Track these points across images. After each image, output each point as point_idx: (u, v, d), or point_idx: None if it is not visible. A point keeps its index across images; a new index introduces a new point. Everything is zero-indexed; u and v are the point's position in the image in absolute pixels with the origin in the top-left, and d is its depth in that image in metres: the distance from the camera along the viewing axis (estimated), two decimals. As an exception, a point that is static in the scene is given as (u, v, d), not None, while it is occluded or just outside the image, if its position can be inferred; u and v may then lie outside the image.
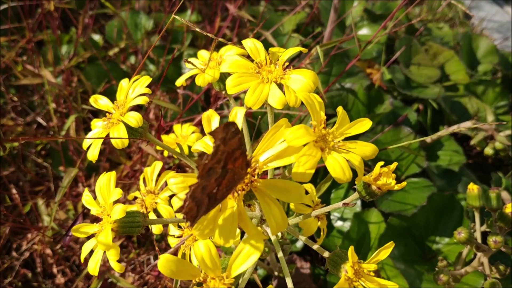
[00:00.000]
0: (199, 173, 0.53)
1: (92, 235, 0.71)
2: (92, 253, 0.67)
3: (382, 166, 0.70)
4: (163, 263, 0.54)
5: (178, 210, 0.55)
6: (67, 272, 1.51)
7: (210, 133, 0.52)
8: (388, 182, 0.69)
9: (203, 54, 0.98)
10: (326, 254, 0.67)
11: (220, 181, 0.54)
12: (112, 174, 0.70)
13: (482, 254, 1.08)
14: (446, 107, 1.98)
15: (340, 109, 0.63)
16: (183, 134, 1.31)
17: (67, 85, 1.81)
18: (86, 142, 0.81)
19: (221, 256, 0.67)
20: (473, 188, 1.11)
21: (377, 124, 1.78)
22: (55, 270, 1.51)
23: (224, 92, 0.89)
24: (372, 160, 0.98)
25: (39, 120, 1.79)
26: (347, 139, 0.61)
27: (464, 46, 2.33)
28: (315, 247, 0.69)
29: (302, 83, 0.69)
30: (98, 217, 0.71)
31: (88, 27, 2.10)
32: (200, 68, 0.92)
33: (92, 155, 0.77)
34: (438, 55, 2.25)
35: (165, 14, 1.91)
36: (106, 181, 0.70)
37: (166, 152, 1.34)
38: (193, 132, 1.31)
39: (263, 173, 0.76)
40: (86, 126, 1.77)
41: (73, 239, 1.48)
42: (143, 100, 0.78)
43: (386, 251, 0.63)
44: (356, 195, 0.74)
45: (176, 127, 1.33)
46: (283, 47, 0.79)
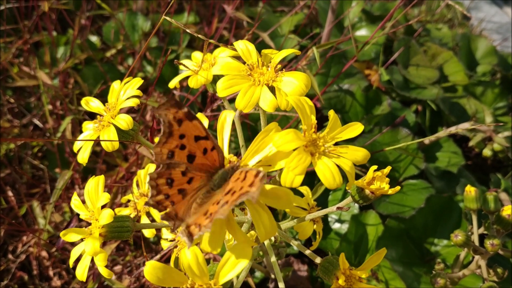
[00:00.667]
0: (158, 158, 0.50)
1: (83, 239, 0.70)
2: (81, 258, 0.67)
3: (377, 170, 0.69)
4: (150, 270, 0.53)
5: (164, 217, 0.54)
6: (64, 275, 1.50)
7: (157, 109, 0.49)
8: (382, 187, 0.68)
9: (197, 56, 0.97)
10: (318, 260, 0.66)
11: (188, 174, 0.51)
12: (101, 178, 0.69)
13: (480, 257, 1.07)
14: (445, 108, 1.97)
15: (332, 113, 0.62)
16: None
17: (64, 87, 1.80)
18: (77, 145, 0.80)
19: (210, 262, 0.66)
20: (471, 191, 1.10)
21: (375, 126, 1.76)
22: (51, 273, 1.50)
23: (218, 95, 0.88)
24: (370, 162, 0.97)
25: (36, 122, 1.78)
26: (339, 144, 0.60)
27: (463, 47, 2.31)
28: (307, 253, 0.68)
29: (294, 86, 0.68)
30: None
31: (86, 29, 2.09)
32: (193, 70, 0.91)
33: (82, 158, 0.76)
34: (437, 56, 2.24)
35: (162, 16, 1.90)
36: (95, 185, 0.69)
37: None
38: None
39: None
40: (82, 129, 1.75)
41: (68, 242, 1.48)
42: (134, 102, 0.77)
43: (378, 258, 0.62)
44: (350, 199, 0.73)
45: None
46: (281, 49, 0.78)
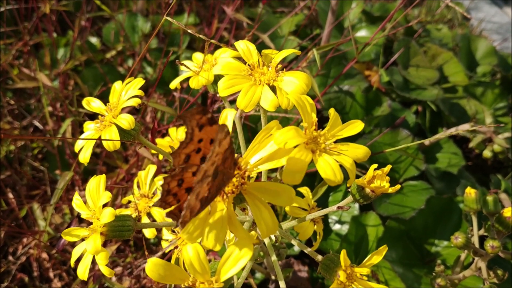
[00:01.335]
0: (175, 162, 0.52)
1: (84, 238, 0.70)
2: (82, 257, 0.67)
3: (377, 169, 0.69)
4: (151, 267, 0.53)
5: (168, 215, 0.54)
6: (64, 276, 1.50)
7: (183, 116, 0.52)
8: (382, 185, 0.68)
9: (198, 57, 0.98)
10: (319, 258, 0.66)
11: (212, 185, 0.53)
12: (102, 177, 0.69)
13: (480, 259, 1.07)
14: (445, 109, 1.97)
15: (332, 111, 0.62)
16: (178, 138, 1.30)
17: (64, 88, 1.80)
18: (78, 145, 0.80)
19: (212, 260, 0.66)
20: (471, 192, 1.10)
21: (375, 127, 1.77)
22: (52, 275, 1.50)
23: (219, 95, 0.88)
24: (370, 163, 0.97)
25: (36, 124, 1.78)
26: (339, 141, 0.60)
27: (463, 48, 2.32)
28: (308, 251, 0.68)
29: (295, 85, 0.69)
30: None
31: (86, 30, 2.09)
32: (194, 71, 0.91)
33: (84, 158, 0.76)
34: (437, 57, 2.24)
35: (162, 17, 1.90)
36: (96, 185, 0.69)
37: (162, 156, 1.33)
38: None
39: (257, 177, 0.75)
40: (82, 130, 1.76)
41: (68, 243, 1.48)
42: (135, 102, 0.77)
43: (379, 255, 0.62)
44: (351, 198, 0.73)
45: (172, 131, 1.32)
46: (281, 50, 0.78)
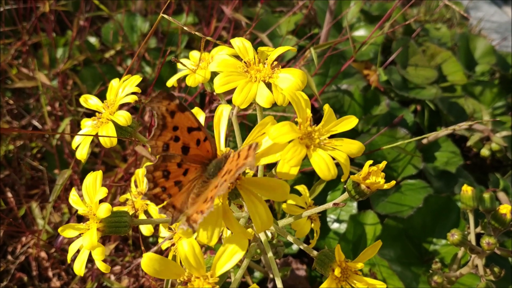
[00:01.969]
0: (153, 151, 0.51)
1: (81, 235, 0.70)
2: (78, 253, 0.67)
3: (372, 165, 0.70)
4: (147, 262, 0.54)
5: (161, 210, 0.54)
6: (63, 276, 1.50)
7: (149, 101, 0.50)
8: (377, 181, 0.68)
9: (195, 55, 0.98)
10: (314, 254, 0.67)
11: (184, 166, 0.52)
12: (98, 173, 0.70)
13: (477, 256, 1.07)
14: (444, 108, 1.98)
15: (327, 107, 0.63)
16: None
17: (62, 88, 1.80)
18: (75, 142, 0.81)
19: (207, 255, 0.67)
20: (467, 190, 1.10)
21: (374, 126, 1.77)
22: (51, 274, 1.50)
23: (215, 92, 0.89)
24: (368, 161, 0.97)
25: (34, 123, 1.78)
26: (334, 137, 0.60)
27: (462, 47, 2.32)
28: (304, 247, 0.69)
29: (291, 82, 0.69)
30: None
31: (84, 30, 2.10)
32: (191, 69, 0.91)
33: (81, 154, 0.77)
34: (436, 56, 2.24)
35: (160, 14, 1.90)
36: (92, 180, 0.69)
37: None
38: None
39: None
40: (81, 128, 1.76)
41: (67, 242, 1.48)
42: (132, 99, 0.78)
43: (374, 250, 0.63)
44: (347, 195, 0.73)
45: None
46: (279, 48, 0.78)
